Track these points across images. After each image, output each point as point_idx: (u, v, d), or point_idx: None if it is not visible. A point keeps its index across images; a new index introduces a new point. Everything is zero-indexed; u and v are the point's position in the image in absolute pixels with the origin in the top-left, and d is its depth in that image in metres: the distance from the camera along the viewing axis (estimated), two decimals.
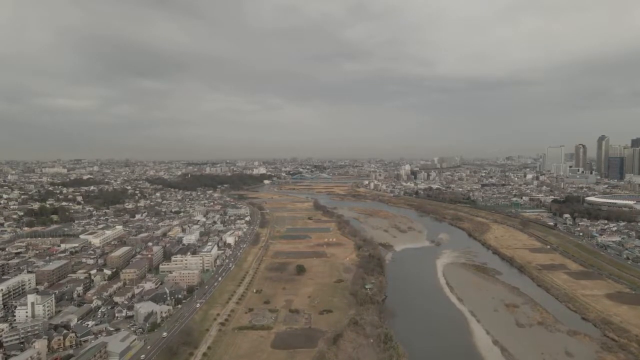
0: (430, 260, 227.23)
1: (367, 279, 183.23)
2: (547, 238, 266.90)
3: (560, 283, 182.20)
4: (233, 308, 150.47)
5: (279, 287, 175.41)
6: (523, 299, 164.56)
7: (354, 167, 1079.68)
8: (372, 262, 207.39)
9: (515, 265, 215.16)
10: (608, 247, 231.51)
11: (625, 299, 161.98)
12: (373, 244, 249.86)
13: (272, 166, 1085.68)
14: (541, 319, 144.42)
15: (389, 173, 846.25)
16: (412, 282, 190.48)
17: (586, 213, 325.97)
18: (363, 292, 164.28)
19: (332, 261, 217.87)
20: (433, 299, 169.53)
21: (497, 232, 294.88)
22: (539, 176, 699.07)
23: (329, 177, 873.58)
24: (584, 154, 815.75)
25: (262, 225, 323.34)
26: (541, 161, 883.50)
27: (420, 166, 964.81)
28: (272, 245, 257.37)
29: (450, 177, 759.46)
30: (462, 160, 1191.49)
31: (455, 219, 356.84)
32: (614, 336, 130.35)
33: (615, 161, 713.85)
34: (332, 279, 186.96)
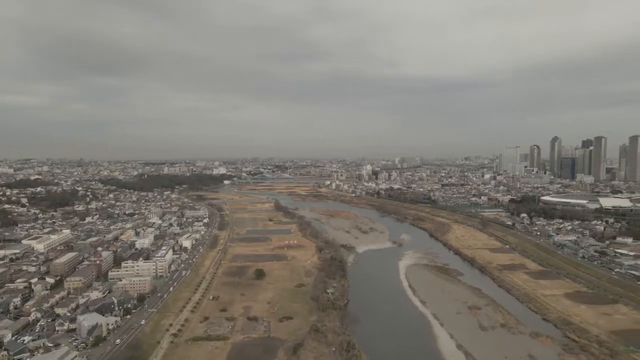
0: (392, 262, 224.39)
1: (328, 282, 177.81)
2: (506, 238, 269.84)
3: (520, 283, 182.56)
4: (187, 317, 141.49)
5: (237, 293, 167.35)
6: (485, 301, 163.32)
7: (315, 167, 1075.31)
8: (334, 264, 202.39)
9: (476, 265, 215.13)
10: (564, 246, 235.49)
11: (584, 298, 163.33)
12: (335, 246, 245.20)
13: (233, 166, 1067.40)
14: (504, 321, 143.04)
15: (351, 173, 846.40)
16: (374, 285, 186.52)
17: (542, 212, 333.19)
18: (325, 296, 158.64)
19: (293, 264, 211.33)
20: (396, 302, 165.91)
21: (457, 232, 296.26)
22: (496, 176, 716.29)
23: (290, 178, 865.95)
24: (538, 154, 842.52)
25: (221, 227, 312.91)
26: (498, 161, 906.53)
27: (381, 166, 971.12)
28: (231, 248, 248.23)
29: (411, 177, 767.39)
30: (422, 160, 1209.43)
31: (416, 219, 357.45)
32: (575, 337, 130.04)
33: (567, 161, 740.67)
34: (293, 283, 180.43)
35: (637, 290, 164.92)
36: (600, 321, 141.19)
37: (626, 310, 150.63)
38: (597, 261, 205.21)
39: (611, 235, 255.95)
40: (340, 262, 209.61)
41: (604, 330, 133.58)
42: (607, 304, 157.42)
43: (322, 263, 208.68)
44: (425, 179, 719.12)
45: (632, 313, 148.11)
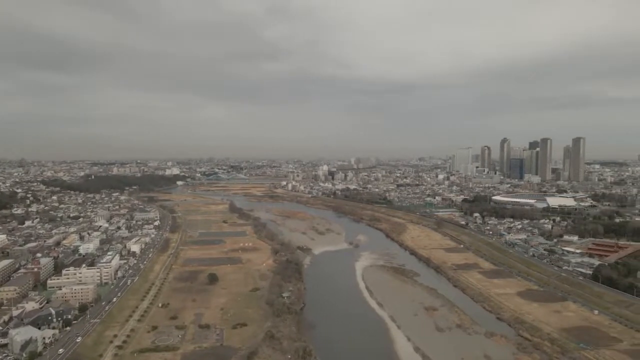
0: (349, 263, 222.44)
1: (284, 286, 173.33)
2: (460, 237, 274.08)
3: (474, 283, 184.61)
4: (134, 327, 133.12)
5: (189, 299, 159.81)
6: (441, 301, 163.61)
7: (272, 168, 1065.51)
8: (290, 267, 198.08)
9: (431, 265, 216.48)
10: (515, 245, 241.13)
11: (535, 296, 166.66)
12: (291, 248, 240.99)
13: (187, 167, 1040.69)
14: (459, 322, 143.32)
15: (307, 174, 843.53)
16: (331, 288, 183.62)
17: (494, 212, 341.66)
18: (280, 301, 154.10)
19: (248, 268, 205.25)
20: (353, 305, 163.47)
21: (413, 233, 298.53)
22: (450, 176, 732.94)
23: (245, 178, 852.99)
24: (488, 155, 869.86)
25: (172, 230, 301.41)
26: (451, 162, 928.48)
27: (337, 167, 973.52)
28: (183, 251, 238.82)
29: (367, 177, 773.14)
30: (377, 161, 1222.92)
31: (372, 219, 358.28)
32: (528, 335, 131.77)
33: (516, 162, 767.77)
34: (247, 287, 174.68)
35: (584, 288, 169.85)
36: (552, 319, 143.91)
37: (575, 308, 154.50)
38: (547, 259, 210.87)
39: (558, 233, 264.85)
40: (297, 264, 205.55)
41: (555, 328, 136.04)
42: (557, 301, 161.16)
43: (277, 266, 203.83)
44: (381, 180, 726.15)
45: (581, 310, 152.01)
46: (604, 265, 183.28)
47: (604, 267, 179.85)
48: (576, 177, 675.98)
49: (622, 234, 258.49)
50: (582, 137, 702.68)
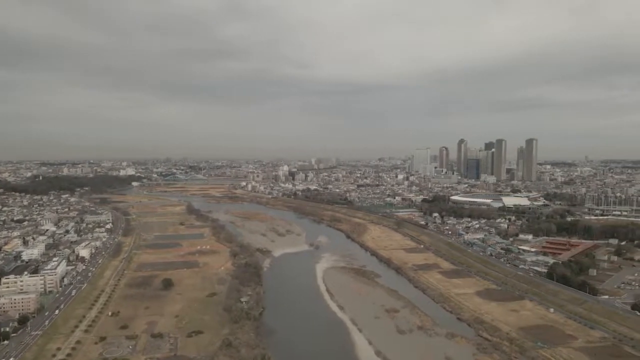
0: (309, 265, 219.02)
1: (243, 290, 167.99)
2: (420, 237, 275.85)
3: (435, 283, 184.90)
4: (80, 338, 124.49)
5: (141, 306, 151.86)
6: (402, 303, 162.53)
7: (231, 168, 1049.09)
8: (249, 270, 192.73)
9: (392, 266, 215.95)
10: (474, 244, 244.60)
11: (493, 295, 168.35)
12: (250, 250, 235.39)
13: (143, 167, 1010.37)
14: (420, 323, 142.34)
15: (268, 174, 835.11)
16: (291, 291, 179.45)
17: (452, 211, 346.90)
18: (238, 306, 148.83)
19: (205, 272, 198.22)
20: (313, 308, 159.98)
21: (374, 233, 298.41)
22: (409, 176, 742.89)
23: (204, 179, 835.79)
24: (446, 155, 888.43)
25: (125, 233, 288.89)
26: (410, 162, 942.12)
27: (298, 167, 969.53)
28: (137, 256, 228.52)
29: (328, 177, 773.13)
30: (338, 161, 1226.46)
31: (333, 220, 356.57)
32: (487, 336, 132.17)
33: (472, 162, 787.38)
34: (204, 292, 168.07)
35: (540, 286, 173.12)
36: (510, 318, 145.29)
37: (531, 306, 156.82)
38: (504, 258, 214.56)
39: (514, 232, 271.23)
40: (256, 267, 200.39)
41: (513, 327, 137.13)
42: (515, 300, 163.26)
43: (236, 269, 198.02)
44: (342, 180, 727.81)
45: (537, 308, 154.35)
46: (558, 264, 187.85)
47: (558, 266, 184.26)
48: (529, 177, 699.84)
49: (574, 232, 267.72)
50: (535, 139, 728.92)
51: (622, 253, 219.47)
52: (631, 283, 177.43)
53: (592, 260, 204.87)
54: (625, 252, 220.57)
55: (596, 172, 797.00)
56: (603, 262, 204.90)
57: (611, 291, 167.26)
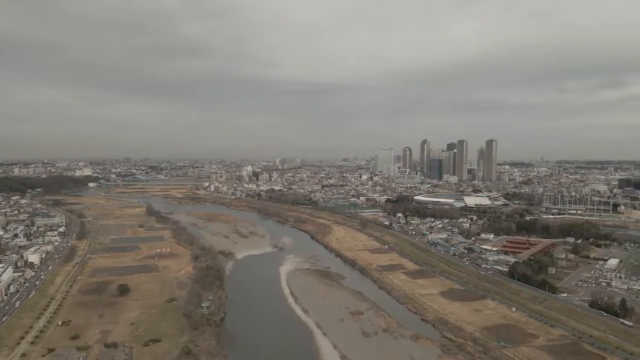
0: (273, 268, 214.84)
1: (204, 295, 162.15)
2: (385, 238, 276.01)
3: (399, 284, 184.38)
4: (26, 351, 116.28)
5: (95, 314, 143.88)
6: (367, 305, 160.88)
7: (194, 169, 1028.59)
8: (211, 274, 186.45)
9: (357, 267, 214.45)
10: (437, 244, 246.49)
11: (457, 295, 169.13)
12: (212, 253, 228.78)
13: (101, 167, 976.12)
14: (386, 325, 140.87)
15: (231, 174, 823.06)
16: (254, 295, 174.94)
17: (416, 211, 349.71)
18: (199, 312, 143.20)
19: (165, 276, 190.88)
20: (277, 312, 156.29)
21: (338, 234, 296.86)
22: (373, 177, 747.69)
23: (166, 179, 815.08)
24: (410, 156, 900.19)
25: (80, 236, 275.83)
26: (374, 162, 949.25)
27: (262, 167, 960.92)
28: (91, 260, 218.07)
29: (292, 178, 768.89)
30: (302, 161, 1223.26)
31: (297, 221, 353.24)
32: (452, 336, 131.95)
33: (435, 163, 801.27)
34: (163, 298, 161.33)
35: (502, 285, 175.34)
36: (473, 318, 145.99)
37: (494, 305, 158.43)
38: (466, 258, 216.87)
39: (476, 232, 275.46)
40: (218, 270, 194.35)
41: (477, 327, 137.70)
42: (478, 299, 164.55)
43: (197, 273, 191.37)
44: (306, 180, 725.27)
45: (499, 307, 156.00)
46: (518, 263, 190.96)
47: (519, 265, 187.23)
48: (489, 177, 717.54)
49: (532, 231, 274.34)
50: (495, 140, 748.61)
51: (579, 251, 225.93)
52: (588, 281, 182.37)
53: (551, 258, 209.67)
54: (581, 250, 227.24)
55: (552, 172, 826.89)
56: (561, 261, 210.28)
57: (569, 289, 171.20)
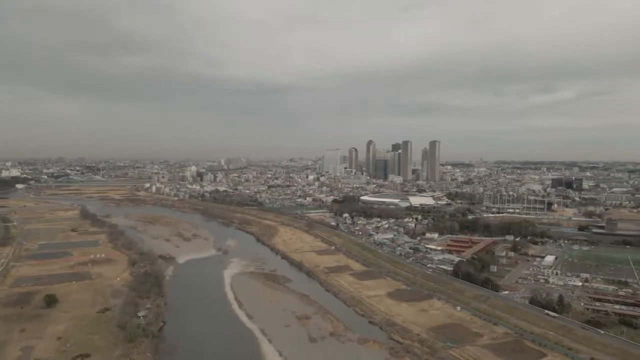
0: (217, 272, 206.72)
1: (141, 303, 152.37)
2: (332, 239, 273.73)
3: (346, 286, 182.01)
4: None
5: (16, 329, 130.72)
6: (314, 308, 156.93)
7: (134, 169, 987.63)
8: (149, 280, 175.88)
9: (304, 270, 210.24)
10: (384, 244, 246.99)
11: (404, 296, 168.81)
12: (151, 258, 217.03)
13: (31, 167, 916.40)
14: (333, 329, 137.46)
15: (174, 175, 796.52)
16: (196, 301, 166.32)
17: (362, 212, 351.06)
18: (135, 322, 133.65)
19: (98, 284, 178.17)
20: (220, 319, 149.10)
21: (285, 235, 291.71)
22: (320, 177, 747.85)
23: (103, 180, 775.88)
24: (356, 156, 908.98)
25: (3, 242, 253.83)
26: (320, 163, 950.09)
27: (207, 167, 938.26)
28: (15, 268, 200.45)
29: (238, 178, 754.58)
30: (248, 161, 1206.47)
31: (243, 222, 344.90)
32: (399, 338, 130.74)
33: (380, 163, 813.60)
34: (95, 308, 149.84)
35: (447, 284, 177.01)
36: (420, 318, 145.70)
37: (440, 305, 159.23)
38: (412, 258, 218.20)
39: (421, 231, 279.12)
40: (157, 276, 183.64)
41: (423, 327, 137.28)
42: (424, 299, 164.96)
43: (134, 279, 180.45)
44: (252, 181, 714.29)
45: (445, 307, 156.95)
46: (462, 262, 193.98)
47: (463, 264, 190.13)
48: (433, 177, 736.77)
49: (475, 229, 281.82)
50: (438, 141, 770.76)
51: (518, 249, 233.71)
52: (527, 278, 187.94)
53: (492, 256, 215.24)
54: (520, 248, 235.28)
55: (491, 172, 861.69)
56: (502, 258, 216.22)
57: (510, 286, 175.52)
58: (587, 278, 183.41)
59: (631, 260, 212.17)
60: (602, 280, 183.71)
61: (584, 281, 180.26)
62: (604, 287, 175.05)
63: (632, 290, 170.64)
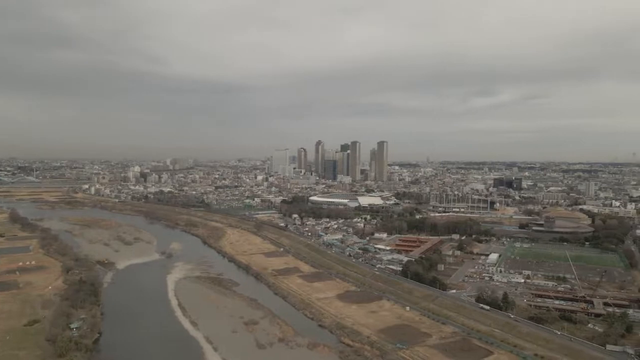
0: (160, 277, 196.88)
1: (74, 314, 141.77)
2: (280, 240, 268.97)
3: (295, 288, 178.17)
4: None
5: None
6: (262, 313, 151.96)
7: (72, 169, 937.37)
8: (84, 288, 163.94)
9: (252, 272, 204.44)
10: (333, 245, 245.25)
11: (353, 297, 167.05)
12: (88, 264, 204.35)
13: None
14: (281, 335, 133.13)
15: (116, 175, 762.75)
16: (136, 309, 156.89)
17: (311, 212, 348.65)
18: (66, 335, 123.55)
19: (27, 293, 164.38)
20: (162, 328, 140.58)
21: (232, 237, 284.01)
22: (269, 177, 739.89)
23: (37, 181, 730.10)
24: (305, 157, 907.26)
25: None
26: (269, 163, 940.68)
27: (152, 168, 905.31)
28: None
29: (184, 179, 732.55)
30: (195, 161, 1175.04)
31: (188, 224, 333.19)
32: (349, 341, 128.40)
33: (329, 163, 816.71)
34: (23, 320, 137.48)
35: (396, 284, 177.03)
36: (370, 320, 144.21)
37: (389, 306, 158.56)
38: (362, 258, 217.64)
39: (370, 231, 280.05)
40: (93, 284, 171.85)
41: (373, 329, 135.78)
42: (374, 300, 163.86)
43: (68, 288, 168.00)
44: (199, 181, 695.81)
45: (395, 308, 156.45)
46: (411, 261, 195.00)
47: (411, 263, 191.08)
48: (381, 177, 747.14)
49: (422, 229, 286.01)
50: (385, 141, 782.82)
51: (464, 247, 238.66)
52: (473, 276, 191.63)
53: (440, 255, 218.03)
54: (466, 247, 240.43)
55: (437, 172, 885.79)
56: (448, 257, 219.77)
57: (457, 285, 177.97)
58: (528, 275, 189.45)
59: (569, 257, 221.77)
60: (542, 276, 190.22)
61: (526, 278, 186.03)
62: (545, 283, 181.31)
63: (570, 285, 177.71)
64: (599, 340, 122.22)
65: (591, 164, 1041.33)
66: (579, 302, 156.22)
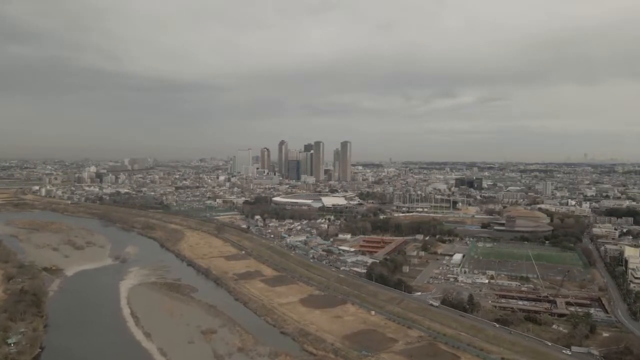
0: (112, 284, 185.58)
1: (13, 327, 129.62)
2: (242, 242, 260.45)
3: (257, 293, 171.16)
4: None
5: None
6: (221, 320, 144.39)
7: (22, 169, 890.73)
8: (26, 299, 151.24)
9: (211, 277, 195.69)
10: (296, 247, 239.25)
11: (317, 302, 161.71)
12: (33, 271, 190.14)
13: None
14: (241, 344, 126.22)
15: (69, 176, 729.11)
16: (84, 320, 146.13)
17: (274, 213, 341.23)
18: (3, 351, 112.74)
19: None
20: (112, 340, 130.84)
21: (192, 240, 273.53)
22: (231, 178, 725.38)
23: None
24: (268, 157, 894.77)
25: None
26: (232, 163, 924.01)
27: (108, 168, 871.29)
28: None
29: (142, 179, 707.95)
30: (156, 162, 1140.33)
31: (146, 227, 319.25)
32: (312, 349, 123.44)
33: (293, 164, 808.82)
34: None
35: (361, 287, 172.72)
36: (334, 326, 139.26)
37: (354, 310, 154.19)
38: (326, 260, 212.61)
39: (334, 232, 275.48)
40: (36, 293, 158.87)
41: (338, 336, 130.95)
42: (338, 305, 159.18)
43: (7, 298, 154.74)
44: (158, 182, 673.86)
45: (360, 312, 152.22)
46: (375, 263, 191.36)
47: (376, 265, 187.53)
48: (345, 178, 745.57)
49: (386, 229, 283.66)
50: (349, 141, 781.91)
51: (428, 248, 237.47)
52: (437, 277, 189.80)
53: (404, 256, 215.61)
54: (430, 247, 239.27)
55: (399, 172, 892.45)
56: (413, 258, 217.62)
57: (423, 287, 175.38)
58: (492, 275, 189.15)
59: (531, 256, 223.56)
60: (506, 276, 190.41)
61: (490, 278, 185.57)
62: (508, 283, 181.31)
63: (533, 285, 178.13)
64: (564, 341, 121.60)
65: (547, 164, 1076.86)
66: (542, 302, 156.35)
